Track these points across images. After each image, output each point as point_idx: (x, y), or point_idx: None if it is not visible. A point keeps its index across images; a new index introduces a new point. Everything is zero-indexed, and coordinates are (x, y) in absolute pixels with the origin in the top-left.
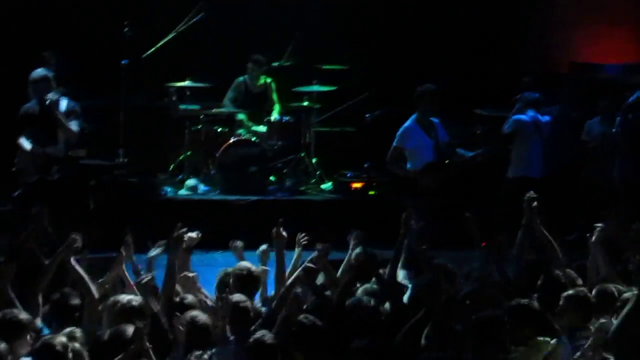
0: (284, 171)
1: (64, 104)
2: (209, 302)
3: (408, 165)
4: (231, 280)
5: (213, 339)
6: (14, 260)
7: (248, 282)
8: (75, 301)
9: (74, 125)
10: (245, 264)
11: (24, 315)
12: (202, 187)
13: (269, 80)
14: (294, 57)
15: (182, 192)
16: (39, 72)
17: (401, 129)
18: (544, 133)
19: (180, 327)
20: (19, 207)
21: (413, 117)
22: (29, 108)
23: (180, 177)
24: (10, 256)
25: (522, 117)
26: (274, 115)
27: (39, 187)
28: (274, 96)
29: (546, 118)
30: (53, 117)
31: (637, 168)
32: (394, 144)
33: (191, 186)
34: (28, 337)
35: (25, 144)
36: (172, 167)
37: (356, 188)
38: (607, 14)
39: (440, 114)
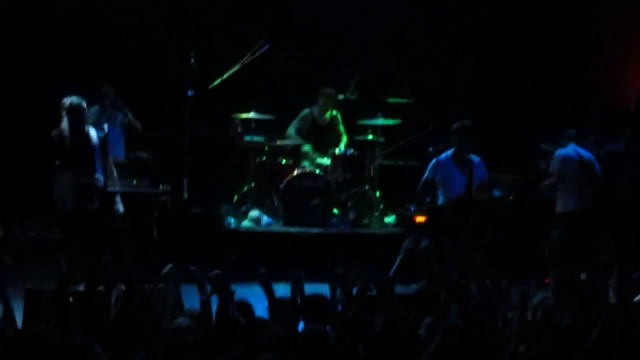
0: (348, 204)
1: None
2: None
3: (440, 199)
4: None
5: None
6: None
7: None
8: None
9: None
10: None
11: None
12: (265, 219)
13: (335, 112)
14: (358, 91)
15: (245, 223)
16: (77, 100)
17: (433, 161)
18: (587, 166)
19: None
20: (61, 236)
21: (449, 152)
22: (63, 137)
23: (243, 208)
24: None
25: (566, 150)
26: (340, 148)
27: (77, 216)
28: (341, 128)
29: (587, 153)
30: (91, 147)
31: None
32: (424, 175)
33: (254, 217)
34: None
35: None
36: (235, 198)
37: (419, 222)
38: None
39: (480, 151)
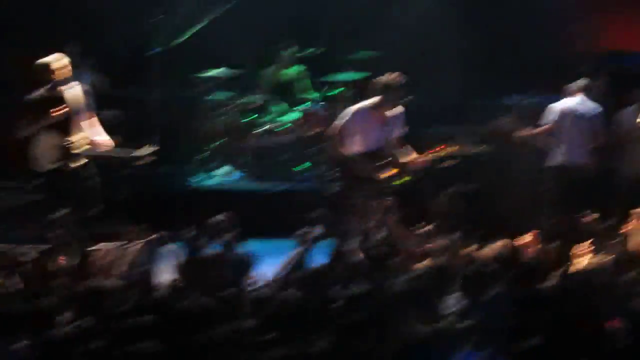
0: (316, 159)
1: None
2: None
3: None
4: None
5: None
6: None
7: None
8: None
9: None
10: None
11: None
12: (234, 176)
13: (301, 68)
14: (327, 45)
15: (214, 180)
16: (49, 59)
17: (354, 107)
18: (589, 121)
19: None
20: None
21: (372, 100)
22: (40, 96)
23: (212, 165)
24: None
25: (567, 103)
26: (307, 104)
27: (56, 176)
28: (306, 83)
29: (594, 107)
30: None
31: None
32: (342, 119)
33: (223, 174)
34: None
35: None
36: (203, 156)
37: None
38: None
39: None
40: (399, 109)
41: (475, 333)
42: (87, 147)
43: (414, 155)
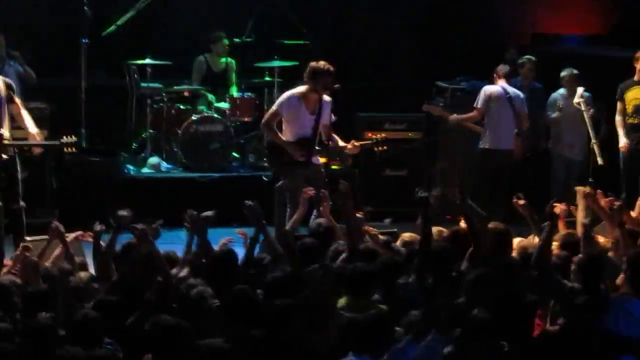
0: (247, 147)
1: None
2: None
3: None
4: None
5: None
6: None
7: None
8: None
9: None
10: None
11: None
12: (164, 165)
13: (230, 60)
14: (255, 33)
15: (145, 170)
16: None
17: (285, 95)
18: (516, 105)
19: None
20: None
21: (301, 88)
22: None
23: (142, 155)
24: None
25: (494, 87)
26: (237, 92)
27: None
28: (233, 77)
29: (517, 92)
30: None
31: None
32: (274, 107)
33: (153, 164)
34: None
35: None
36: (134, 145)
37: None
38: None
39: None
40: (328, 96)
41: (413, 321)
42: (11, 140)
43: (344, 143)
